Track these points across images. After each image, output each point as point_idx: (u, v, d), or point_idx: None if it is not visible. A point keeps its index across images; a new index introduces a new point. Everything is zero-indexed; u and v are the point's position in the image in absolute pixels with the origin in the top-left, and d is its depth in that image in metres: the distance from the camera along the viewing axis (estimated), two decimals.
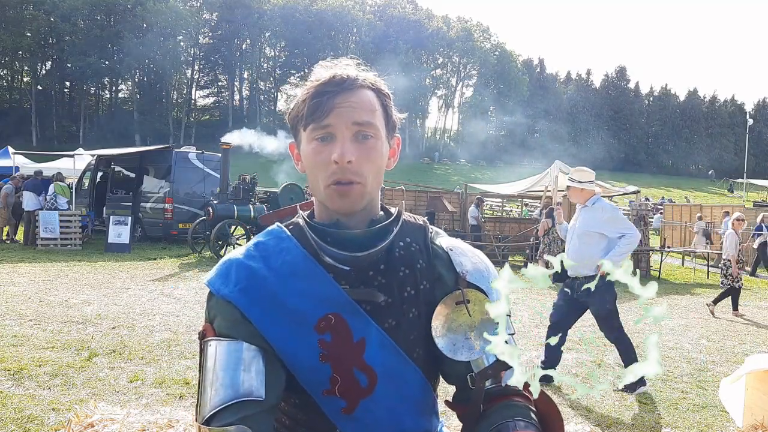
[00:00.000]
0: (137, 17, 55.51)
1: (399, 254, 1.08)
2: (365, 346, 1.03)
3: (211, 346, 1.00)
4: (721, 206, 19.63)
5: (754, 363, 3.17)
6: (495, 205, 27.17)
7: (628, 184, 36.99)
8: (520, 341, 6.06)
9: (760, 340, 6.79)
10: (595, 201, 4.65)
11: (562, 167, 13.54)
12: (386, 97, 1.08)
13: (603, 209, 4.60)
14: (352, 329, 1.02)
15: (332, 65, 1.06)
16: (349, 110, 1.01)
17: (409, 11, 72.38)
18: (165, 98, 62.44)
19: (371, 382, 1.03)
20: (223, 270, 1.05)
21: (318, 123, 1.01)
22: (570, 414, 4.03)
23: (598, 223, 4.55)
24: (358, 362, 1.03)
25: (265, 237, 1.10)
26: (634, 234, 4.58)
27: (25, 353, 4.77)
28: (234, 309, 1.01)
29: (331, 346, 1.02)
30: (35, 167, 16.60)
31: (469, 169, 57.95)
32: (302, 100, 1.04)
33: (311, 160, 1.03)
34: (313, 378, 1.03)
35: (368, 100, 1.03)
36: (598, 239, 4.58)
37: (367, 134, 1.02)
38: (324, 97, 1.00)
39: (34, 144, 49.71)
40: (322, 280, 1.04)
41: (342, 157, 0.99)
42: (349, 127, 1.01)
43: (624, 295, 9.75)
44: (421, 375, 1.07)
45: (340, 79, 1.02)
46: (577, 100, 76.08)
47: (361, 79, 1.04)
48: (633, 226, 4.68)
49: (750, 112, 67.27)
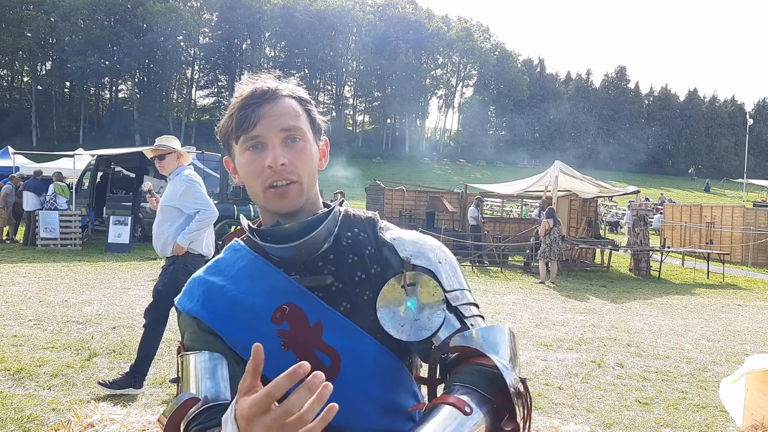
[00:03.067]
0: (137, 17, 55.49)
1: (346, 243, 1.13)
2: (323, 329, 1.08)
3: (184, 360, 1.08)
4: (721, 206, 19.63)
5: (754, 363, 3.17)
6: (495, 205, 27.17)
7: (628, 184, 36.98)
8: (520, 341, 6.06)
9: (760, 340, 6.79)
10: (179, 172, 4.23)
11: (562, 167, 13.53)
12: (308, 103, 1.14)
13: (181, 182, 4.18)
14: (307, 314, 1.08)
15: (253, 80, 1.12)
16: (274, 118, 1.07)
17: (409, 11, 72.35)
18: (165, 98, 62.40)
19: (335, 362, 1.07)
20: (188, 288, 1.14)
21: (247, 134, 1.07)
22: (570, 414, 4.03)
23: (176, 197, 4.16)
24: (318, 344, 1.07)
25: (223, 253, 1.19)
26: (209, 210, 4.18)
27: (25, 353, 4.77)
28: (197, 321, 1.09)
29: (289, 334, 1.07)
30: (35, 167, 16.59)
31: (469, 169, 57.93)
32: (229, 115, 1.10)
33: (246, 170, 1.09)
34: (280, 367, 1.06)
35: (291, 107, 1.10)
36: (177, 215, 4.16)
37: (296, 137, 1.09)
38: (249, 109, 1.07)
39: (34, 144, 49.68)
40: (274, 276, 1.10)
41: (275, 161, 1.05)
42: (278, 134, 1.07)
43: (623, 295, 9.79)
44: (387, 352, 1.10)
45: (262, 92, 1.08)
46: (577, 100, 76.05)
47: (282, 90, 1.10)
48: (210, 203, 4.26)
49: (750, 112, 67.23)
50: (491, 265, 13.17)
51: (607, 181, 25.19)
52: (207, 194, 4.31)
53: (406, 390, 1.15)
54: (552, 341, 6.13)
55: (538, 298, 9.07)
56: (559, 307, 8.38)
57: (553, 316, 7.62)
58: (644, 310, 8.52)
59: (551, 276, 10.88)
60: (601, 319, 7.57)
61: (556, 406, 4.18)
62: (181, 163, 4.30)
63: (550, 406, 4.16)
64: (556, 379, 4.79)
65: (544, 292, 9.79)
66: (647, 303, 9.18)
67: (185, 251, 4.11)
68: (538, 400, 4.27)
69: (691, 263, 14.64)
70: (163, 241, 4.15)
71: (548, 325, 7.01)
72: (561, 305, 8.53)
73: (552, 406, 4.16)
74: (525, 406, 0.97)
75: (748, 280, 13.06)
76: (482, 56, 70.60)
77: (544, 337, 6.29)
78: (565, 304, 8.63)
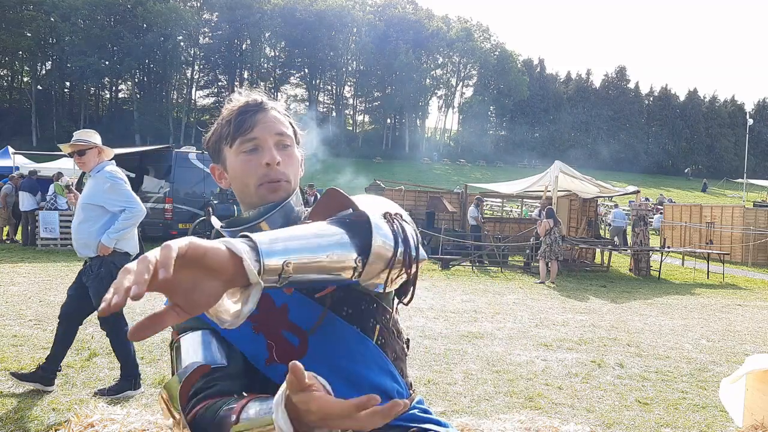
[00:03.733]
0: (137, 17, 55.49)
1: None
2: (288, 310, 1.14)
3: (177, 343, 1.14)
4: (721, 206, 19.63)
5: (754, 363, 3.17)
6: (495, 205, 27.17)
7: (628, 184, 36.99)
8: (521, 341, 6.07)
9: (760, 340, 6.79)
10: (101, 168, 4.02)
11: (562, 167, 13.53)
12: (290, 118, 1.27)
13: (104, 178, 3.95)
14: (273, 297, 1.15)
15: (246, 94, 1.24)
16: (269, 124, 1.19)
17: (409, 11, 72.35)
18: (165, 98, 62.40)
19: (302, 340, 1.13)
20: None
21: (245, 136, 1.18)
22: (570, 414, 4.03)
23: (100, 194, 3.94)
24: (284, 324, 1.14)
25: None
26: (136, 208, 3.97)
27: (25, 353, 4.77)
28: None
29: (258, 318, 1.13)
30: (35, 167, 16.59)
31: (469, 169, 57.94)
32: (226, 122, 1.21)
33: (241, 169, 1.19)
34: (255, 350, 1.15)
35: (280, 118, 1.23)
36: (100, 213, 3.93)
37: (287, 143, 1.21)
38: (247, 115, 1.19)
39: (34, 144, 49.65)
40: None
41: (273, 159, 1.16)
42: (273, 137, 1.19)
43: (623, 295, 9.79)
44: (354, 330, 1.16)
45: (256, 103, 1.21)
46: (577, 100, 76.05)
47: (269, 104, 1.23)
48: (137, 200, 4.04)
49: (750, 112, 67.21)
50: (491, 265, 13.17)
51: (607, 181, 25.19)
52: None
53: (378, 366, 1.19)
54: (552, 341, 6.13)
55: (538, 298, 9.07)
56: (559, 307, 8.39)
57: (553, 316, 7.62)
58: (644, 310, 8.52)
59: (551, 276, 10.88)
60: (601, 319, 7.57)
61: (556, 406, 4.18)
62: (102, 159, 4.08)
63: (550, 406, 4.16)
64: (556, 379, 4.79)
65: (544, 292, 9.79)
66: (647, 303, 9.18)
67: (111, 251, 3.89)
68: (538, 400, 4.27)
69: (691, 263, 14.64)
70: (84, 240, 3.92)
71: (548, 325, 7.01)
72: (561, 305, 8.53)
73: (552, 406, 4.16)
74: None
75: (748, 280, 13.07)
76: (482, 56, 70.63)
77: (544, 337, 6.29)
78: (565, 304, 8.63)
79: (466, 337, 6.09)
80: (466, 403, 4.15)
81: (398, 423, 1.19)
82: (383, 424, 0.74)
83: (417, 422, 1.21)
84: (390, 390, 1.19)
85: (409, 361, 5.12)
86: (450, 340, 5.95)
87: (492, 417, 2.67)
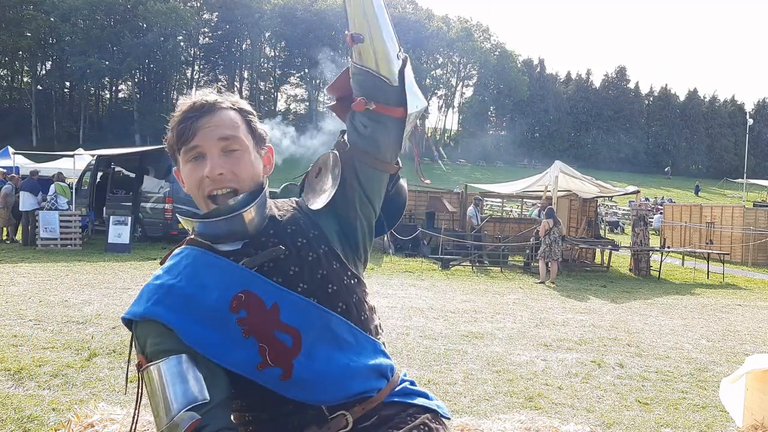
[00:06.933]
0: (137, 17, 55.47)
1: (281, 218, 1.21)
2: (280, 310, 1.12)
3: (148, 372, 1.06)
4: (721, 206, 19.63)
5: (754, 363, 3.16)
6: (495, 205, 27.15)
7: (628, 184, 36.99)
8: (521, 341, 6.07)
9: (760, 340, 6.79)
10: None
11: (562, 167, 13.53)
12: (249, 114, 1.21)
13: None
14: (263, 298, 1.12)
15: (192, 95, 1.20)
16: (212, 129, 1.13)
17: (409, 11, 72.31)
18: (165, 98, 62.35)
19: (296, 339, 1.11)
20: (137, 298, 1.14)
21: (187, 145, 1.14)
22: (570, 414, 4.03)
23: None
24: (277, 325, 1.11)
25: (167, 262, 1.20)
26: None
27: (25, 353, 4.77)
28: (155, 324, 1.08)
29: (248, 321, 1.10)
30: (35, 167, 16.59)
31: (469, 169, 57.92)
32: (171, 129, 1.17)
33: (189, 180, 1.16)
34: (245, 356, 1.10)
35: (229, 118, 1.16)
36: None
37: (234, 148, 1.15)
38: (188, 122, 1.13)
39: (34, 144, 49.66)
40: (223, 266, 1.14)
41: (212, 171, 1.12)
42: (216, 144, 1.13)
43: (623, 295, 9.79)
44: (346, 322, 1.16)
45: (200, 105, 1.15)
46: (577, 100, 76.03)
47: (222, 102, 1.17)
48: None
49: (750, 112, 67.11)
50: (491, 265, 13.17)
51: (607, 181, 25.18)
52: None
53: (372, 347, 1.20)
54: (552, 341, 6.13)
55: (538, 298, 9.07)
56: (559, 307, 8.38)
57: (553, 316, 7.62)
58: (644, 310, 8.52)
59: (551, 276, 10.88)
60: (601, 319, 7.57)
61: (556, 406, 4.18)
62: None
63: (550, 406, 4.16)
64: (556, 379, 4.79)
65: (544, 292, 9.79)
66: (647, 303, 9.18)
67: None
68: (538, 400, 4.27)
69: (691, 263, 14.63)
70: None
71: (548, 325, 7.01)
72: (561, 305, 8.53)
73: (552, 406, 4.16)
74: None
75: (748, 280, 13.07)
76: (482, 56, 70.58)
77: (544, 337, 6.29)
78: (565, 304, 8.63)
79: (466, 337, 6.09)
80: (466, 403, 4.15)
81: (397, 400, 1.20)
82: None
83: (410, 395, 1.23)
84: (385, 367, 1.21)
85: (409, 361, 5.13)
86: (450, 340, 5.95)
87: (492, 417, 2.67)
